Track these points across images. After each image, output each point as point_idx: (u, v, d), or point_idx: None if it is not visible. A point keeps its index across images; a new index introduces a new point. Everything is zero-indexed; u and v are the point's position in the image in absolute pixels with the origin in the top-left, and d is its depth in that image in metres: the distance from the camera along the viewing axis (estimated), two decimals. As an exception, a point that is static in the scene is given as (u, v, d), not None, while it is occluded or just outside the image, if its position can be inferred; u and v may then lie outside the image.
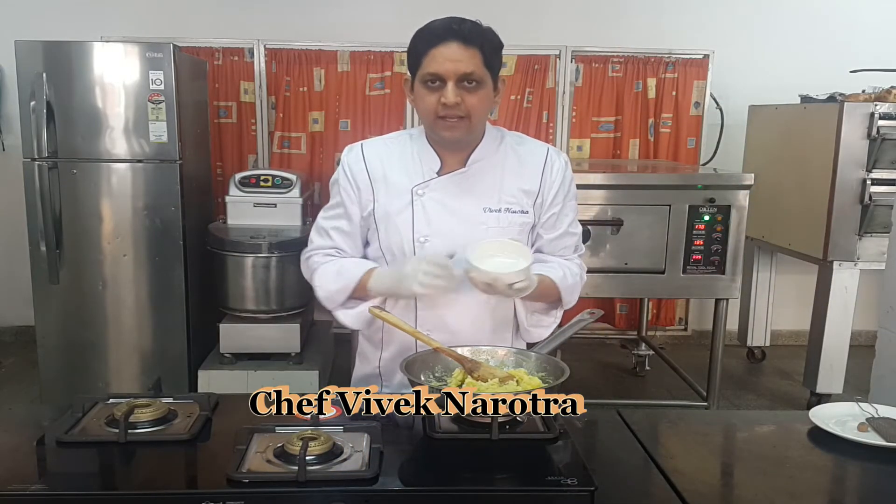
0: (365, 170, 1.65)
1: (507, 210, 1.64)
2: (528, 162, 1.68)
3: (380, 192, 1.64)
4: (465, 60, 1.50)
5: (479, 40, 1.52)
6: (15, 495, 1.13)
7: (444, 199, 1.63)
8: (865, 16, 4.58)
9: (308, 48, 4.37)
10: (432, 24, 1.54)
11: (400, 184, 1.64)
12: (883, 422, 1.47)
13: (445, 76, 1.50)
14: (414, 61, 1.56)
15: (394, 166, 1.65)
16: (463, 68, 1.50)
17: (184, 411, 1.42)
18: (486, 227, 1.62)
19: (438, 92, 1.52)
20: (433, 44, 1.50)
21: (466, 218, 1.62)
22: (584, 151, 4.56)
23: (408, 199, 1.63)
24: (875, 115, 3.50)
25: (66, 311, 3.56)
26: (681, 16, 4.58)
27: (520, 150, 1.69)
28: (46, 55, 3.34)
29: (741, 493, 1.32)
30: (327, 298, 1.66)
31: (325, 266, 1.67)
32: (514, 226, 1.65)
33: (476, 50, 1.51)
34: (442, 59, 1.50)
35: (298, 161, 4.46)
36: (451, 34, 1.50)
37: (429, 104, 1.54)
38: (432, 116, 1.55)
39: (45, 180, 3.38)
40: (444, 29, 1.51)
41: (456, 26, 1.51)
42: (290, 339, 3.63)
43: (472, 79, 1.51)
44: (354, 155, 1.68)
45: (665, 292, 3.80)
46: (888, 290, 2.47)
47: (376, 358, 1.75)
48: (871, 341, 2.61)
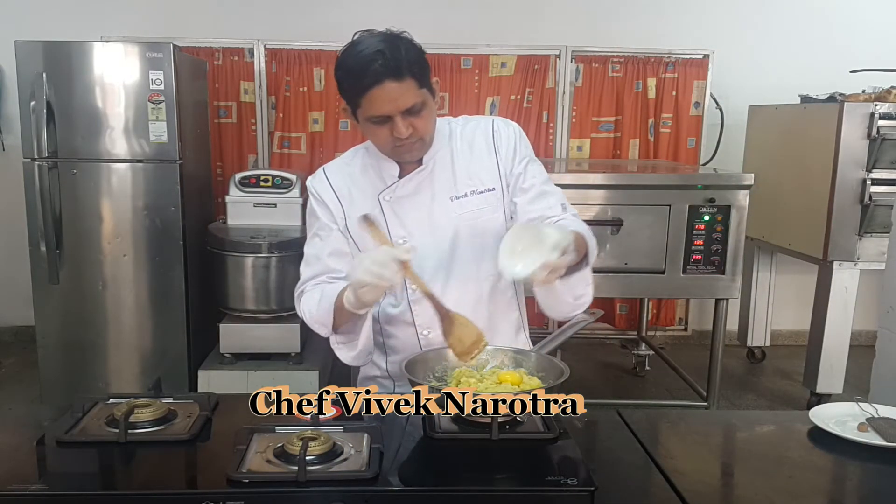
0: (331, 189, 1.68)
1: (472, 192, 1.65)
2: (477, 139, 1.69)
3: (347, 208, 1.66)
4: (403, 95, 1.47)
5: (408, 68, 1.47)
6: (15, 495, 1.13)
7: (411, 199, 1.65)
8: (865, 16, 4.58)
9: (308, 48, 4.37)
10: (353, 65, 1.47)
11: (366, 194, 1.66)
12: (883, 422, 1.47)
13: (391, 114, 1.49)
14: (351, 99, 1.52)
15: (357, 180, 1.68)
16: (404, 104, 1.48)
17: (184, 411, 1.42)
18: (458, 215, 1.64)
19: (387, 125, 1.51)
20: (366, 88, 1.46)
21: (436, 211, 1.64)
22: (584, 151, 4.56)
23: (377, 208, 1.65)
24: (875, 115, 3.50)
25: (66, 311, 3.56)
26: (681, 16, 4.58)
27: (466, 132, 1.70)
28: (46, 55, 3.34)
29: (741, 493, 1.32)
30: (315, 323, 1.63)
31: (309, 293, 1.66)
32: (487, 205, 1.66)
33: (410, 79, 1.47)
34: (381, 101, 1.47)
35: (298, 161, 4.46)
36: (382, 75, 1.44)
37: (382, 139, 1.55)
38: (388, 147, 1.57)
39: (45, 180, 3.38)
40: (373, 72, 1.44)
41: (381, 65, 1.44)
42: (290, 339, 3.63)
43: (416, 108, 1.50)
44: (318, 179, 1.71)
45: (665, 292, 3.80)
46: (888, 290, 2.47)
47: (382, 361, 1.76)
48: (871, 341, 2.61)
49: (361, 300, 1.45)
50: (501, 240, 1.39)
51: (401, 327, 1.71)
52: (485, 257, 1.65)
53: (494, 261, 1.41)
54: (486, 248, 1.64)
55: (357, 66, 1.47)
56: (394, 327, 1.72)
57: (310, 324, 1.64)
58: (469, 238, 1.65)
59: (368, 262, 1.39)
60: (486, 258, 1.64)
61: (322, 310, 1.59)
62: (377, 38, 1.49)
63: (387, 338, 1.74)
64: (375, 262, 1.38)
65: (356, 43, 1.51)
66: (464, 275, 1.65)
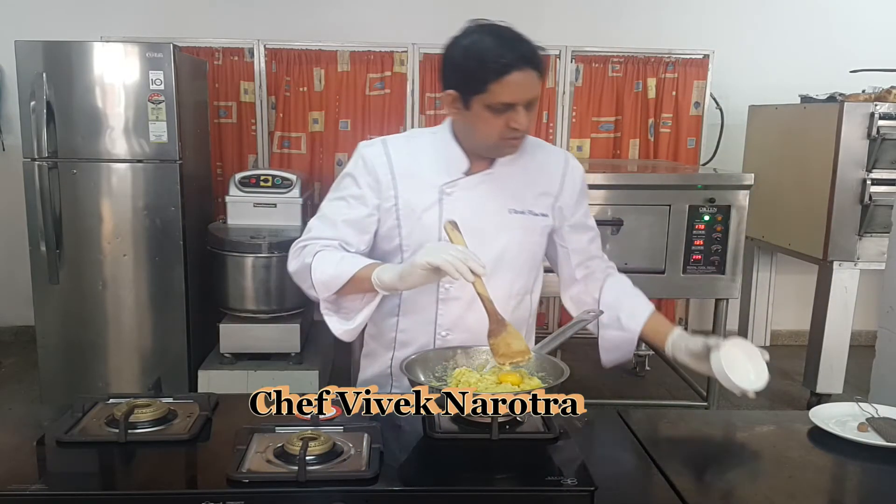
0: (387, 164, 1.62)
1: (529, 212, 1.66)
2: (549, 166, 1.70)
3: (402, 188, 1.62)
4: (535, 85, 1.48)
5: (540, 60, 1.48)
6: (15, 495, 1.13)
7: (472, 199, 1.62)
8: (865, 16, 4.58)
9: (308, 48, 4.37)
10: (491, 48, 1.46)
11: (427, 181, 1.62)
12: (883, 422, 1.47)
13: (518, 103, 1.48)
14: (474, 84, 1.48)
15: (420, 163, 1.64)
16: (531, 94, 1.49)
17: (184, 411, 1.42)
18: (511, 229, 1.64)
19: (505, 115, 1.49)
20: (504, 72, 1.44)
21: (492, 219, 1.63)
22: (584, 151, 4.56)
23: (435, 197, 1.61)
24: (875, 115, 3.51)
25: (66, 311, 3.56)
26: (681, 16, 4.58)
27: (540, 155, 1.70)
28: (46, 55, 3.34)
29: (741, 493, 1.32)
30: (321, 283, 1.56)
31: (328, 251, 1.58)
32: (537, 228, 1.68)
33: (539, 71, 1.49)
34: (516, 87, 1.46)
35: (298, 161, 4.46)
36: (523, 61, 1.45)
37: (494, 127, 1.51)
38: (495, 139, 1.54)
39: (45, 180, 3.37)
40: (516, 55, 1.45)
41: (524, 51, 1.46)
42: (290, 339, 3.63)
43: (534, 102, 1.51)
44: (375, 149, 1.64)
45: (665, 292, 3.80)
46: (888, 290, 2.47)
47: (388, 358, 1.72)
48: (871, 341, 2.61)
49: (404, 282, 1.45)
50: (712, 357, 1.43)
51: (419, 324, 1.67)
52: (520, 274, 1.68)
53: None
54: (523, 266, 1.68)
55: (497, 49, 1.45)
56: (411, 321, 1.68)
57: (315, 280, 1.56)
58: (514, 253, 1.66)
59: (452, 252, 1.39)
60: (521, 276, 1.69)
61: (339, 273, 1.54)
62: (506, 28, 1.49)
63: (400, 332, 1.70)
64: (458, 255, 1.39)
65: (485, 28, 1.49)
66: (499, 286, 1.64)
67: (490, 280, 1.62)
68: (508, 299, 1.67)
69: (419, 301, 1.63)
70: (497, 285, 1.64)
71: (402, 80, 4.40)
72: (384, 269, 1.49)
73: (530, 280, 1.73)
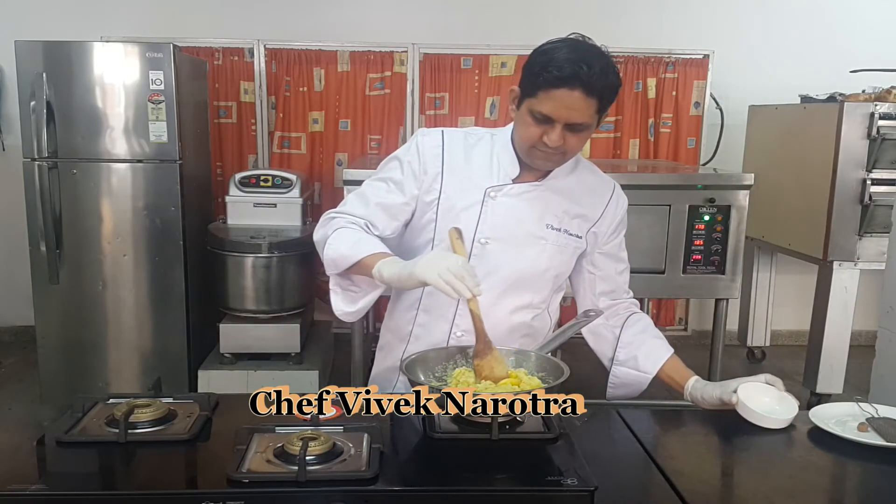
0: (440, 156, 1.62)
1: (565, 231, 1.66)
2: (596, 193, 1.70)
3: (449, 184, 1.62)
4: (581, 110, 1.45)
5: (601, 90, 1.45)
6: (15, 495, 1.13)
7: (513, 207, 1.62)
8: (865, 16, 4.58)
9: (308, 48, 4.37)
10: (558, 57, 1.44)
11: (474, 180, 1.62)
12: (883, 422, 1.47)
13: (557, 120, 1.47)
14: (529, 87, 1.48)
15: (472, 162, 1.63)
16: (576, 118, 1.46)
17: (184, 411, 1.42)
18: (545, 243, 1.64)
19: (543, 127, 1.48)
20: (556, 84, 1.43)
21: (528, 229, 1.63)
22: (584, 151, 4.53)
23: (478, 198, 1.61)
24: (875, 115, 3.50)
25: (66, 311, 3.56)
26: (681, 16, 4.58)
27: (589, 179, 1.70)
28: (46, 55, 3.34)
29: (741, 493, 1.32)
30: (333, 260, 1.57)
31: (348, 230, 1.59)
32: (569, 248, 1.67)
33: (595, 100, 1.45)
34: (559, 104, 1.44)
35: (298, 161, 4.46)
36: (578, 81, 1.42)
37: (531, 134, 1.51)
38: (529, 145, 1.53)
39: (45, 180, 3.38)
40: (572, 73, 1.42)
41: (585, 71, 1.42)
42: (290, 339, 3.63)
43: (580, 127, 1.49)
44: (432, 139, 1.64)
45: (665, 292, 3.80)
46: (888, 290, 2.47)
47: (400, 351, 1.71)
48: (871, 341, 2.61)
49: (401, 283, 1.46)
50: (738, 395, 1.51)
51: (437, 321, 1.68)
52: (543, 288, 1.69)
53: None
54: (549, 282, 1.69)
55: (561, 61, 1.43)
56: (429, 317, 1.68)
57: (326, 255, 1.58)
58: (543, 267, 1.66)
59: (446, 266, 1.38)
60: (544, 290, 1.69)
61: (350, 254, 1.54)
62: (597, 50, 1.47)
63: (417, 326, 1.70)
64: (454, 272, 1.38)
65: (572, 42, 1.48)
66: (520, 297, 1.66)
67: (512, 289, 1.64)
68: (531, 309, 1.68)
69: (440, 298, 1.61)
70: (518, 295, 1.66)
71: (402, 80, 4.40)
72: (387, 264, 1.49)
73: (551, 296, 1.73)
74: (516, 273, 1.64)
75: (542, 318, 1.73)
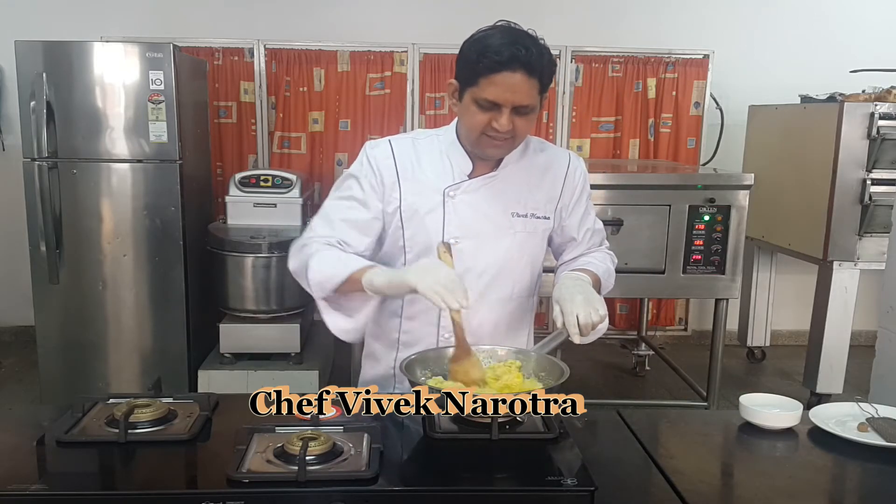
0: (393, 166, 1.62)
1: (532, 216, 1.66)
2: (552, 168, 1.69)
3: (407, 190, 1.62)
4: (524, 92, 1.46)
5: (541, 70, 1.46)
6: (15, 495, 1.13)
7: (475, 202, 1.62)
8: (865, 16, 4.58)
9: (308, 48, 4.37)
10: (493, 43, 1.45)
11: (430, 183, 1.62)
12: (883, 422, 1.47)
13: (503, 104, 1.47)
14: (469, 76, 1.49)
15: (424, 165, 1.63)
16: (521, 99, 1.46)
17: (184, 411, 1.42)
18: (514, 232, 1.64)
19: (490, 113, 1.49)
20: (495, 69, 1.44)
21: (495, 222, 1.63)
22: (584, 151, 4.56)
23: (438, 200, 1.61)
24: (875, 115, 3.50)
25: (66, 311, 3.56)
26: (681, 16, 4.58)
27: (542, 157, 1.70)
28: (46, 55, 3.34)
29: (741, 493, 1.32)
30: (317, 283, 1.55)
31: (328, 250, 1.58)
32: (538, 231, 1.68)
33: (536, 80, 1.46)
34: (503, 87, 1.45)
35: (298, 161, 4.46)
36: (518, 63, 1.43)
37: (478, 122, 1.51)
38: (477, 133, 1.53)
39: (45, 180, 3.37)
40: (510, 56, 1.43)
41: (523, 53, 1.43)
42: (290, 339, 3.63)
43: (526, 109, 1.49)
44: (382, 150, 1.64)
45: (665, 292, 3.80)
46: (888, 290, 2.47)
47: (391, 359, 1.72)
48: (871, 341, 2.61)
49: (392, 290, 1.48)
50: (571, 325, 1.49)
51: (423, 325, 1.68)
52: (522, 277, 1.69)
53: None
54: (525, 269, 1.69)
55: (493, 47, 1.44)
56: (415, 323, 1.69)
57: (310, 279, 1.56)
58: (517, 256, 1.66)
59: (437, 279, 1.40)
60: (523, 278, 1.70)
61: (334, 273, 1.53)
62: (524, 32, 1.49)
63: (403, 333, 1.71)
64: (445, 285, 1.39)
65: (502, 28, 1.49)
66: (500, 289, 1.66)
67: (492, 283, 1.64)
68: (511, 300, 1.68)
69: (423, 303, 1.60)
70: (499, 288, 1.66)
71: (402, 80, 4.40)
72: (376, 274, 1.50)
73: (531, 282, 1.73)
74: (494, 267, 1.64)
75: (525, 307, 1.74)
